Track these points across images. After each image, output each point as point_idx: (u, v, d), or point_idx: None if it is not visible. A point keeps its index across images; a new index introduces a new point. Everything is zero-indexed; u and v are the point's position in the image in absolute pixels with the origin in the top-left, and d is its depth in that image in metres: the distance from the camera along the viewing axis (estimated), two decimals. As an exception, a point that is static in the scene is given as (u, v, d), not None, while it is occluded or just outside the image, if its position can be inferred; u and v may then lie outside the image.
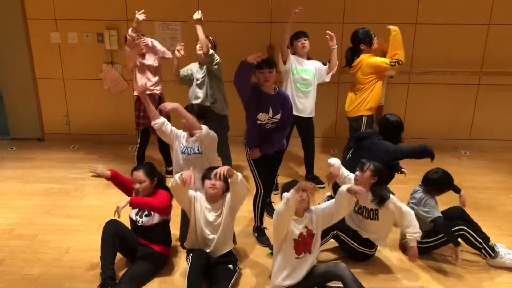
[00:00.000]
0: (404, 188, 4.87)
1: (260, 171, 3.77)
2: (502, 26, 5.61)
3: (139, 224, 3.44)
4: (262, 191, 3.83)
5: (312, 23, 5.60)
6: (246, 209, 4.37)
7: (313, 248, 3.16)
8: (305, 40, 4.44)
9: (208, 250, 3.28)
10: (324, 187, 4.78)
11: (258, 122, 3.57)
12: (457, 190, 3.81)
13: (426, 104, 5.93)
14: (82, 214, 4.29)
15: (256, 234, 3.95)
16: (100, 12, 5.68)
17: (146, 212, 3.42)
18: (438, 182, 3.61)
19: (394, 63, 4.44)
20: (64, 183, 4.92)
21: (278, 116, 3.57)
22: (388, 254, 3.71)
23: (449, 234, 3.47)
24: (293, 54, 4.47)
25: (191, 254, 3.24)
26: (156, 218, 3.43)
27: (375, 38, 4.61)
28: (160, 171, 3.65)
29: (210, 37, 4.45)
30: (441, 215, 3.48)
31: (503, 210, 4.45)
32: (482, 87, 5.86)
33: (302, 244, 3.10)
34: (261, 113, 3.52)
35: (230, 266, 3.30)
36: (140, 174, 3.39)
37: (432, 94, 5.88)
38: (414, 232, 3.32)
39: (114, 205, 3.52)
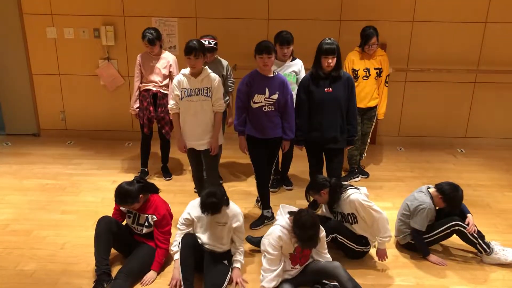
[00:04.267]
0: (400, 185, 4.91)
1: (254, 158, 3.95)
2: (498, 24, 5.62)
3: (138, 232, 3.47)
4: (256, 179, 4.01)
5: (309, 20, 5.62)
6: (242, 206, 4.39)
7: (310, 258, 3.22)
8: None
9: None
10: (291, 189, 4.78)
11: (255, 106, 3.75)
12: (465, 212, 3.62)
13: (422, 102, 5.94)
14: (78, 210, 4.28)
15: (259, 204, 4.24)
16: (96, 7, 5.65)
17: (147, 224, 3.42)
18: (450, 198, 3.50)
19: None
20: (59, 179, 4.91)
21: (274, 97, 3.74)
22: (383, 250, 3.72)
23: (420, 246, 3.60)
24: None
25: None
26: (147, 230, 3.46)
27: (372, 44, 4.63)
28: (139, 177, 3.48)
29: (211, 35, 4.40)
30: (423, 229, 3.53)
31: (498, 207, 4.47)
32: (478, 85, 5.87)
33: (298, 258, 3.14)
34: (256, 95, 3.73)
35: (225, 261, 3.32)
36: (127, 206, 3.37)
37: (428, 91, 5.89)
38: (384, 236, 3.39)
39: (110, 201, 3.54)
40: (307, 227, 2.93)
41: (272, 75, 3.77)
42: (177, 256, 3.26)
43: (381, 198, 4.61)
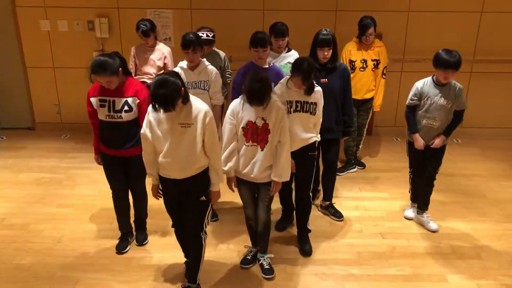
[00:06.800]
0: (396, 175, 4.92)
1: None
2: (494, 13, 5.61)
3: (119, 121, 3.19)
4: None
5: (305, 10, 5.59)
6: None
7: (266, 145, 3.05)
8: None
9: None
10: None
11: None
12: None
13: (418, 92, 5.93)
14: (74, 203, 4.27)
15: None
16: (90, -1, 5.61)
17: (126, 107, 3.17)
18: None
19: None
20: (55, 173, 4.89)
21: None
22: (379, 241, 3.74)
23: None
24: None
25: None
26: (135, 113, 3.22)
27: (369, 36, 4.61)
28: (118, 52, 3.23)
29: (209, 27, 4.38)
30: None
31: (493, 197, 4.48)
32: (474, 75, 5.87)
33: (250, 134, 3.05)
34: None
35: (203, 198, 2.94)
36: (105, 77, 3.03)
37: (424, 82, 5.88)
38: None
39: (107, 193, 3.54)
40: (254, 80, 2.90)
41: (267, 66, 3.75)
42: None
43: (378, 189, 4.63)
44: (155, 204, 3.47)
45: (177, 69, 3.74)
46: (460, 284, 3.24)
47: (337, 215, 4.06)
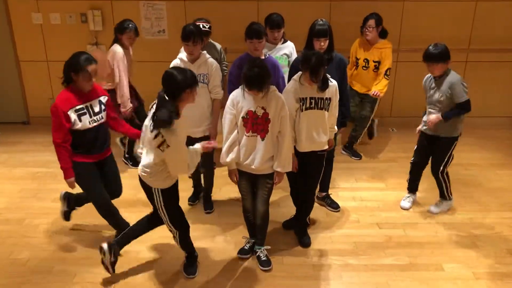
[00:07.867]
0: (392, 166, 4.93)
1: None
2: (489, 2, 5.59)
3: (102, 122, 3.31)
4: None
5: (300, 1, 5.56)
6: (235, 191, 4.39)
7: (266, 135, 3.06)
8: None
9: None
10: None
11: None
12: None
13: (414, 82, 5.88)
14: (70, 198, 4.26)
15: None
16: (83, -9, 5.55)
17: (103, 107, 3.33)
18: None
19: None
20: (50, 167, 4.86)
21: None
22: (375, 231, 3.75)
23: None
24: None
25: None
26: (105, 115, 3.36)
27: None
28: None
29: (205, 18, 4.34)
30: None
31: (490, 186, 4.50)
32: (470, 64, 5.86)
33: (250, 124, 3.04)
34: None
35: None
36: (95, 66, 3.25)
37: (420, 72, 5.80)
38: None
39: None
40: (252, 65, 2.92)
41: (263, 57, 3.72)
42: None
43: (374, 179, 4.63)
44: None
45: (176, 61, 3.70)
46: (457, 272, 3.25)
47: (334, 206, 4.07)
